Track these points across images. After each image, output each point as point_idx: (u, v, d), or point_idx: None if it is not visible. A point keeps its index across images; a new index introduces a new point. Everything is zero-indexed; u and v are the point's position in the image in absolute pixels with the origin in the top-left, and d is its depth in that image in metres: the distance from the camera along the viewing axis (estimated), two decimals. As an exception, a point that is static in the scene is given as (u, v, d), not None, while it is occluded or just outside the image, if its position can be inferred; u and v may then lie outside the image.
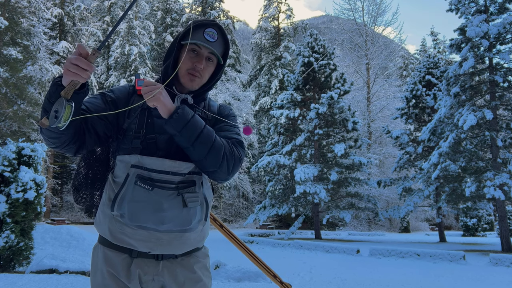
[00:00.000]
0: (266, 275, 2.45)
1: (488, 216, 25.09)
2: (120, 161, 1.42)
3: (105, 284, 1.39)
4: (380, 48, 34.27)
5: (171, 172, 1.38)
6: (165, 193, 1.35)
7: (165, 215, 1.34)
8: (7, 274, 5.83)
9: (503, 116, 14.63)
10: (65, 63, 1.17)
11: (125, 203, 1.34)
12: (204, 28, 1.46)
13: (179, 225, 1.37)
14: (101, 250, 1.44)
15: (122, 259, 1.40)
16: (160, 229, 1.36)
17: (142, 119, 1.44)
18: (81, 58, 1.15)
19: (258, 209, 19.84)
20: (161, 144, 1.42)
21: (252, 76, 38.32)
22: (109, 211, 1.39)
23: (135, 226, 1.36)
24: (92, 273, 1.46)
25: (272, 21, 38.07)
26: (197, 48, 1.46)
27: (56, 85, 1.21)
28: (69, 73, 1.16)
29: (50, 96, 1.21)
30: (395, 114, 22.06)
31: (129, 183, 1.35)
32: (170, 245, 1.40)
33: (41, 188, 6.78)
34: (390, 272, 8.81)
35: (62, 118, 1.15)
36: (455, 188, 15.48)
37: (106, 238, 1.42)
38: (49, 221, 21.50)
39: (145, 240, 1.37)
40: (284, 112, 19.64)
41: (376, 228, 30.56)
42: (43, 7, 22.41)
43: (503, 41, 14.08)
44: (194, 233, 1.44)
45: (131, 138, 1.42)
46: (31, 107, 16.59)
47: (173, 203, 1.36)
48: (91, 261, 1.48)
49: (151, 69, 30.87)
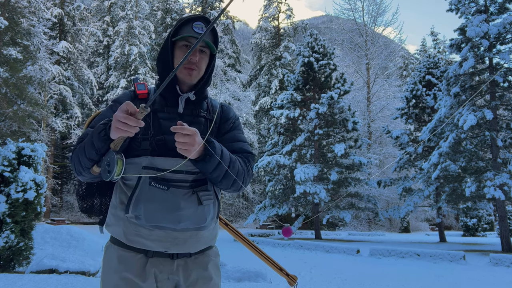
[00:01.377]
0: (273, 268, 2.47)
1: (488, 216, 25.09)
2: (130, 163, 1.42)
3: (117, 285, 1.38)
4: (380, 48, 34.27)
5: (185, 171, 1.40)
6: (180, 192, 1.39)
7: (182, 214, 1.37)
8: (7, 274, 5.83)
9: (503, 116, 14.63)
10: (114, 121, 1.21)
11: (141, 204, 1.36)
12: (192, 23, 1.48)
13: (195, 223, 1.40)
14: (114, 250, 1.44)
15: (137, 259, 1.40)
16: (177, 228, 1.38)
17: (148, 121, 1.44)
18: (129, 116, 1.19)
19: (258, 209, 19.84)
20: (172, 144, 1.41)
21: (252, 76, 38.32)
22: (122, 213, 1.40)
23: (152, 227, 1.37)
24: (103, 272, 1.45)
25: (272, 21, 38.07)
26: (189, 43, 1.48)
27: (104, 140, 1.26)
28: (119, 130, 1.20)
29: (99, 150, 1.27)
30: (395, 114, 22.06)
31: (142, 185, 1.37)
32: (186, 243, 1.42)
33: (41, 188, 6.78)
34: (390, 272, 8.81)
35: (115, 173, 1.22)
36: (455, 188, 15.48)
37: (120, 240, 1.42)
38: (49, 221, 21.50)
39: (161, 240, 1.38)
40: (284, 112, 19.64)
41: (376, 228, 30.56)
42: (43, 7, 22.42)
43: (503, 41, 14.08)
44: (207, 230, 1.47)
45: (139, 141, 1.42)
46: (31, 107, 16.58)
47: (189, 202, 1.39)
48: (102, 259, 1.48)
49: (151, 69, 30.87)
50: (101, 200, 1.59)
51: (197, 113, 1.52)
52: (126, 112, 1.19)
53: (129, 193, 1.39)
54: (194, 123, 1.48)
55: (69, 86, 26.25)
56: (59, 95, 25.07)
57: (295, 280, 2.57)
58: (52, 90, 24.00)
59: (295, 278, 2.57)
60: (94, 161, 1.30)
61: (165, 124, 1.44)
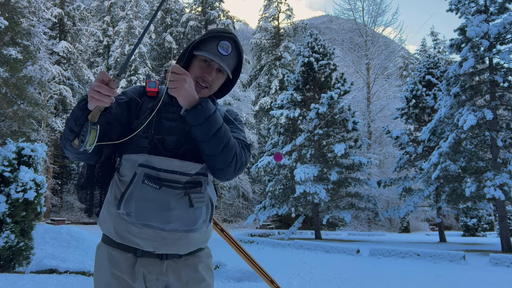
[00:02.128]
0: (263, 279, 2.46)
1: (488, 216, 25.08)
2: (127, 160, 1.43)
3: (108, 284, 1.39)
4: (380, 48, 34.27)
5: (179, 172, 1.40)
6: (172, 193, 1.38)
7: (171, 214, 1.36)
8: (7, 274, 5.83)
9: (503, 116, 14.64)
10: (89, 90, 1.21)
11: (132, 201, 1.35)
12: (219, 41, 1.46)
13: (185, 225, 1.39)
14: (105, 249, 1.45)
15: (127, 258, 1.41)
16: (166, 228, 1.37)
17: (151, 120, 1.44)
18: (103, 85, 1.18)
19: (258, 209, 19.84)
20: (169, 145, 1.42)
21: (252, 76, 38.32)
22: (114, 209, 1.40)
23: (141, 225, 1.37)
24: (95, 272, 1.46)
25: (272, 21, 38.06)
26: (208, 59, 1.47)
27: (83, 109, 1.26)
28: (93, 99, 1.20)
29: (77, 119, 1.26)
30: (395, 114, 22.05)
31: (136, 182, 1.37)
32: (175, 244, 1.41)
33: (41, 188, 6.77)
34: (390, 272, 8.81)
35: (88, 143, 1.22)
36: (455, 188, 15.48)
37: (111, 237, 1.43)
38: (49, 221, 21.50)
39: (150, 239, 1.38)
40: (284, 112, 19.64)
41: (376, 228, 30.56)
42: (43, 7, 22.41)
43: (503, 41, 14.08)
44: (198, 233, 1.46)
45: (139, 138, 1.42)
46: (31, 107, 16.58)
47: (180, 203, 1.38)
48: (94, 260, 1.49)
49: (151, 69, 30.87)
50: (100, 191, 1.58)
51: None
52: (100, 81, 1.19)
53: (123, 189, 1.39)
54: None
55: (69, 86, 26.25)
56: (59, 95, 25.07)
57: None
58: (52, 90, 24.00)
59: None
60: (74, 132, 1.28)
61: (166, 124, 1.44)
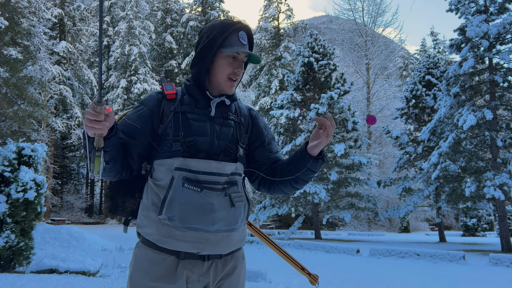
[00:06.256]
0: (294, 267, 2.49)
1: (488, 216, 25.10)
2: (161, 164, 1.43)
3: (146, 286, 1.38)
4: (380, 48, 34.29)
5: (217, 173, 1.42)
6: (214, 194, 1.40)
7: (216, 216, 1.38)
8: (7, 274, 5.83)
9: (503, 116, 14.65)
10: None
11: (175, 205, 1.36)
12: (237, 32, 1.49)
13: (227, 224, 1.42)
14: (146, 251, 1.44)
15: (169, 261, 1.40)
16: (210, 230, 1.39)
17: (177, 122, 1.45)
18: (91, 111, 1.20)
19: (258, 209, 19.85)
20: (202, 146, 1.43)
21: (252, 76, 38.31)
22: (154, 215, 1.40)
23: (185, 228, 1.37)
24: (133, 270, 1.44)
25: (272, 21, 38.06)
26: (235, 54, 1.48)
27: (88, 138, 1.29)
28: (87, 127, 1.23)
29: (86, 149, 1.30)
30: (395, 114, 22.06)
31: (176, 186, 1.37)
32: (218, 245, 1.43)
33: (41, 188, 6.78)
34: (390, 272, 8.81)
35: (94, 170, 1.28)
36: (455, 188, 15.49)
37: (153, 241, 1.42)
38: (49, 221, 21.51)
39: (194, 241, 1.39)
40: (284, 112, 19.65)
41: (376, 228, 30.56)
42: (43, 7, 22.41)
43: (503, 41, 14.09)
44: (238, 232, 1.49)
45: (170, 142, 1.43)
46: (31, 107, 16.58)
47: (222, 203, 1.40)
48: (132, 258, 1.48)
49: (151, 69, 30.88)
50: (128, 200, 1.58)
51: (226, 116, 1.53)
52: (92, 108, 1.21)
53: (162, 194, 1.39)
54: (225, 126, 1.51)
55: (69, 86, 26.24)
56: (59, 95, 25.06)
57: (316, 279, 2.58)
58: (52, 90, 23.99)
59: (317, 277, 2.58)
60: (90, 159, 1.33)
61: (195, 125, 1.45)
